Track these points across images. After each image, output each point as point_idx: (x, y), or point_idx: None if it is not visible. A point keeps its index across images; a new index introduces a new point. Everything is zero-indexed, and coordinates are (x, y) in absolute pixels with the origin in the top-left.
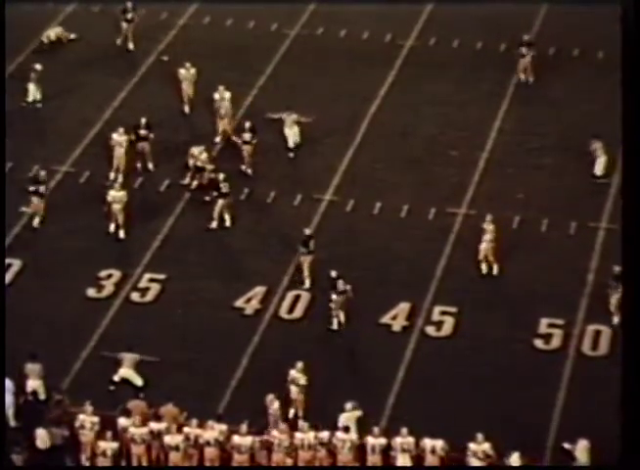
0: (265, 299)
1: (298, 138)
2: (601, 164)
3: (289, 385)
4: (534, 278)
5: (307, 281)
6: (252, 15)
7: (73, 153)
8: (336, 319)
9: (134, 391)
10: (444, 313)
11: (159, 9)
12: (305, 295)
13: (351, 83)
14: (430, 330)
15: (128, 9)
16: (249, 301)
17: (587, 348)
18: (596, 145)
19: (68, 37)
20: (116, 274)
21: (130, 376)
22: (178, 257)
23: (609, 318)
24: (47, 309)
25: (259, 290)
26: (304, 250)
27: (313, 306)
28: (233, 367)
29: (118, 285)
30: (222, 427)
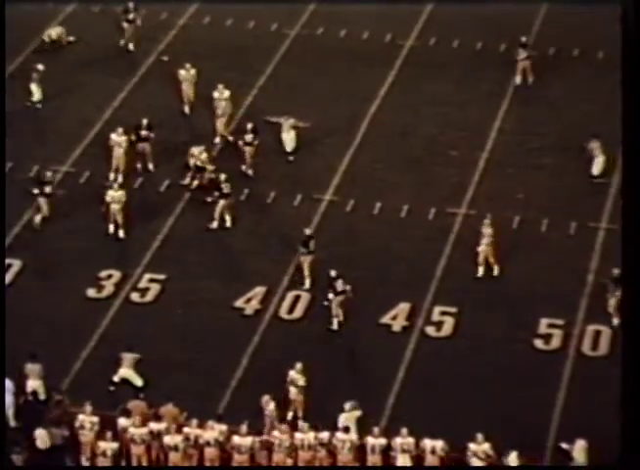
0: (265, 299)
1: (294, 143)
2: (598, 164)
3: (288, 386)
4: (534, 278)
5: (307, 281)
6: (252, 15)
7: (73, 153)
8: (336, 319)
9: (134, 391)
10: (444, 313)
11: (159, 9)
12: (305, 295)
13: (351, 83)
14: (430, 330)
15: (130, 9)
16: (249, 301)
17: (587, 348)
18: (594, 144)
19: (67, 40)
20: (116, 274)
21: (130, 376)
22: (178, 257)
23: (609, 318)
24: (47, 309)
25: (259, 290)
26: (304, 250)
27: (313, 307)
28: (233, 367)
29: (118, 285)
30: (222, 427)
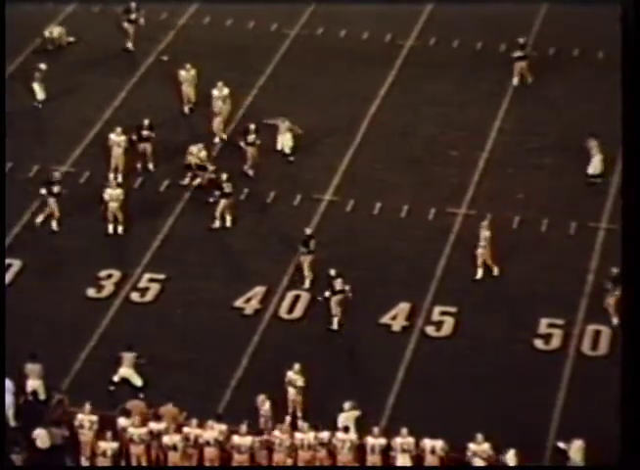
0: (265, 299)
1: (292, 143)
2: (595, 163)
3: (286, 386)
4: (534, 278)
5: (307, 281)
6: (252, 15)
7: (73, 153)
8: (336, 319)
9: (134, 391)
10: (444, 313)
11: (159, 9)
12: (305, 295)
13: (351, 83)
14: (430, 330)
15: (132, 9)
16: (248, 301)
17: (587, 348)
18: (591, 143)
19: (67, 40)
20: (116, 274)
21: (130, 376)
22: (178, 257)
23: (608, 318)
24: (47, 309)
25: (259, 290)
26: (305, 249)
27: (313, 306)
28: (233, 367)
29: (118, 285)
30: (222, 427)
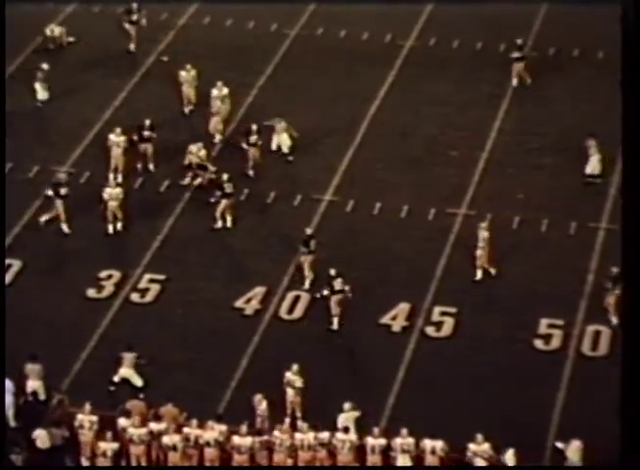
0: (265, 299)
1: (290, 142)
2: (593, 163)
3: (285, 387)
4: (534, 278)
5: (307, 281)
6: (252, 15)
7: (73, 153)
8: (336, 319)
9: (134, 391)
10: (444, 314)
11: (159, 9)
12: (305, 295)
13: (351, 83)
14: (429, 330)
15: (133, 10)
16: (249, 301)
17: (587, 348)
18: (590, 143)
19: (67, 40)
20: (116, 274)
21: (130, 376)
22: (178, 257)
23: (608, 318)
24: (47, 309)
25: (259, 290)
26: (305, 249)
27: (313, 307)
28: (233, 367)
29: (118, 285)
30: (222, 427)
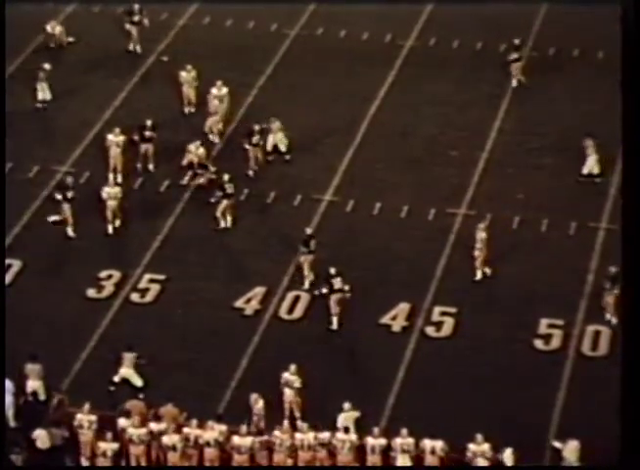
0: (265, 299)
1: (286, 141)
2: (590, 163)
3: (282, 388)
4: (534, 278)
5: (307, 281)
6: (252, 15)
7: (73, 153)
8: (335, 318)
9: (134, 391)
10: (444, 314)
11: (159, 9)
12: (305, 295)
13: (351, 83)
14: (429, 330)
15: (134, 11)
16: (249, 301)
17: (587, 348)
18: (587, 143)
19: (67, 40)
20: (116, 274)
21: (130, 376)
22: (178, 257)
23: (605, 316)
24: (47, 309)
25: (259, 290)
26: (305, 249)
27: (313, 307)
28: (233, 367)
29: (118, 285)
30: (222, 427)
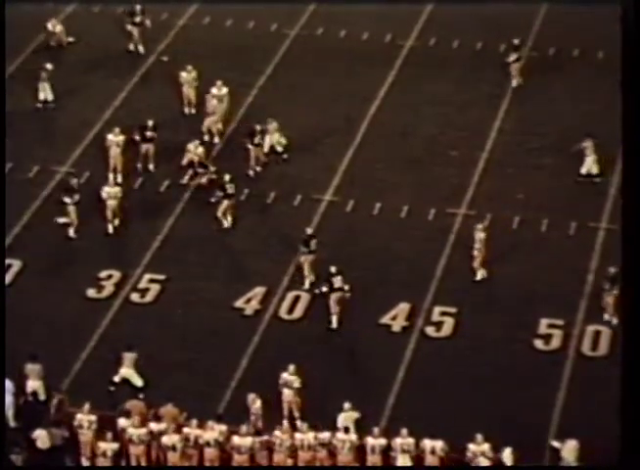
0: (265, 299)
1: (284, 141)
2: (588, 163)
3: (281, 388)
4: (534, 278)
5: (307, 281)
6: (252, 15)
7: (73, 153)
8: (335, 317)
9: (134, 391)
10: (444, 314)
11: (159, 9)
12: (305, 295)
13: (351, 83)
14: (429, 330)
15: (136, 12)
16: (248, 301)
17: (587, 348)
18: (586, 143)
19: (67, 40)
20: (116, 274)
21: (131, 376)
22: (178, 257)
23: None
24: (47, 309)
25: (259, 290)
26: (305, 249)
27: (313, 307)
28: (233, 367)
29: (118, 285)
30: (222, 427)
